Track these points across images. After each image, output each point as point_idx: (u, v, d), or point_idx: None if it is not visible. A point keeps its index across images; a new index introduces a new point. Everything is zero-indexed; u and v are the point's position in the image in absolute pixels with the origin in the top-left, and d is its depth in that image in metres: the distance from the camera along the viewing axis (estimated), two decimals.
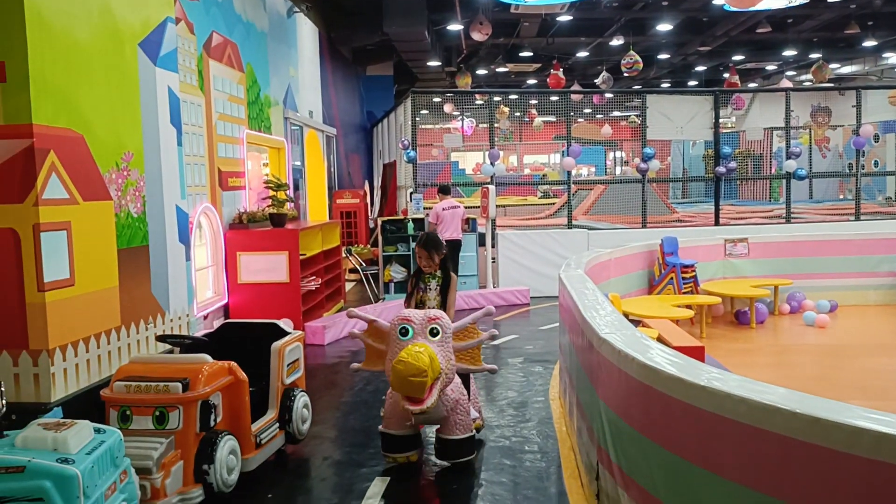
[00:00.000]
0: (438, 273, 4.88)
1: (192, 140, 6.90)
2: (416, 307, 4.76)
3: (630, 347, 2.98)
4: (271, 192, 8.43)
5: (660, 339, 5.61)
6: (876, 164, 19.71)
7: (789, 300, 9.37)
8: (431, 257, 4.83)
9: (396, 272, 10.50)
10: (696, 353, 4.97)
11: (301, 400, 4.79)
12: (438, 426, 4.46)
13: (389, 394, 4.44)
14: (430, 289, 4.86)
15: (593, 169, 27.78)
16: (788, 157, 12.38)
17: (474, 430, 4.58)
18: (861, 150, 12.86)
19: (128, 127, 5.38)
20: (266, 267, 7.88)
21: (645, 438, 2.79)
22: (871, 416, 1.93)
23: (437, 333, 4.14)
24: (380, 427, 4.55)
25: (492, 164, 11.48)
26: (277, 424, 4.59)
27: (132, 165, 5.42)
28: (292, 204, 9.38)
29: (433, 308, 4.67)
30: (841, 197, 20.67)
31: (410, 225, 10.59)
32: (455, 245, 9.85)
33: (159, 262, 5.86)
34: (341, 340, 8.10)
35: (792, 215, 12.67)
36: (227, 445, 3.93)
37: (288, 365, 4.71)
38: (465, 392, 4.52)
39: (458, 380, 4.42)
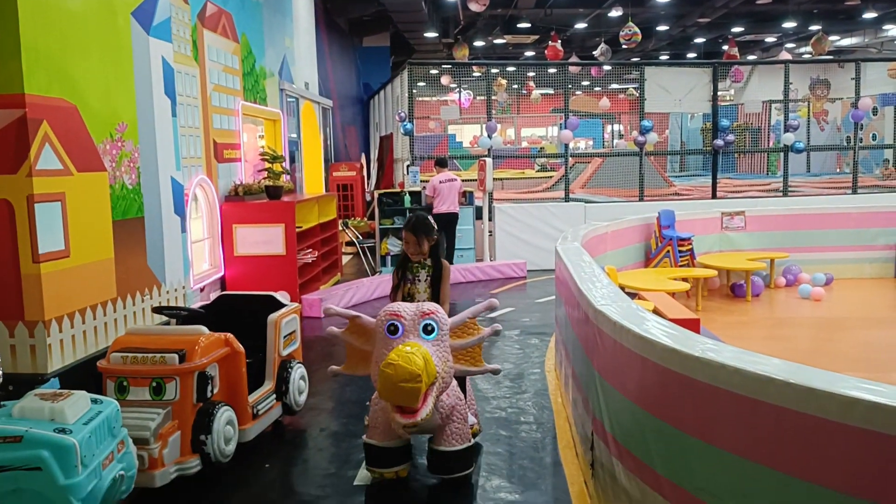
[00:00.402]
0: (428, 262, 4.22)
1: (186, 111, 6.84)
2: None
3: (626, 319, 2.98)
4: (267, 165, 8.38)
5: (656, 312, 5.63)
6: (874, 137, 19.64)
7: (785, 273, 9.40)
8: (420, 243, 4.15)
9: (393, 245, 10.50)
10: (692, 326, 4.99)
11: (298, 371, 4.82)
12: (431, 436, 3.88)
13: (374, 399, 3.86)
14: (420, 280, 4.20)
15: (591, 142, 27.65)
16: (786, 130, 12.33)
17: (472, 439, 3.98)
18: (859, 123, 12.80)
19: (121, 97, 5.33)
20: (262, 239, 7.86)
21: (640, 409, 2.81)
22: (865, 386, 1.94)
23: (433, 331, 3.52)
24: (363, 437, 3.96)
25: (489, 136, 11.43)
26: (274, 396, 4.61)
27: (126, 136, 5.38)
28: (288, 176, 9.34)
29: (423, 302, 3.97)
30: (838, 170, 20.62)
31: (407, 198, 10.57)
32: (452, 218, 9.84)
33: (155, 233, 5.84)
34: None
35: (789, 189, 12.66)
36: (224, 416, 3.95)
37: (284, 337, 4.73)
38: (462, 396, 3.95)
39: (454, 382, 3.82)
